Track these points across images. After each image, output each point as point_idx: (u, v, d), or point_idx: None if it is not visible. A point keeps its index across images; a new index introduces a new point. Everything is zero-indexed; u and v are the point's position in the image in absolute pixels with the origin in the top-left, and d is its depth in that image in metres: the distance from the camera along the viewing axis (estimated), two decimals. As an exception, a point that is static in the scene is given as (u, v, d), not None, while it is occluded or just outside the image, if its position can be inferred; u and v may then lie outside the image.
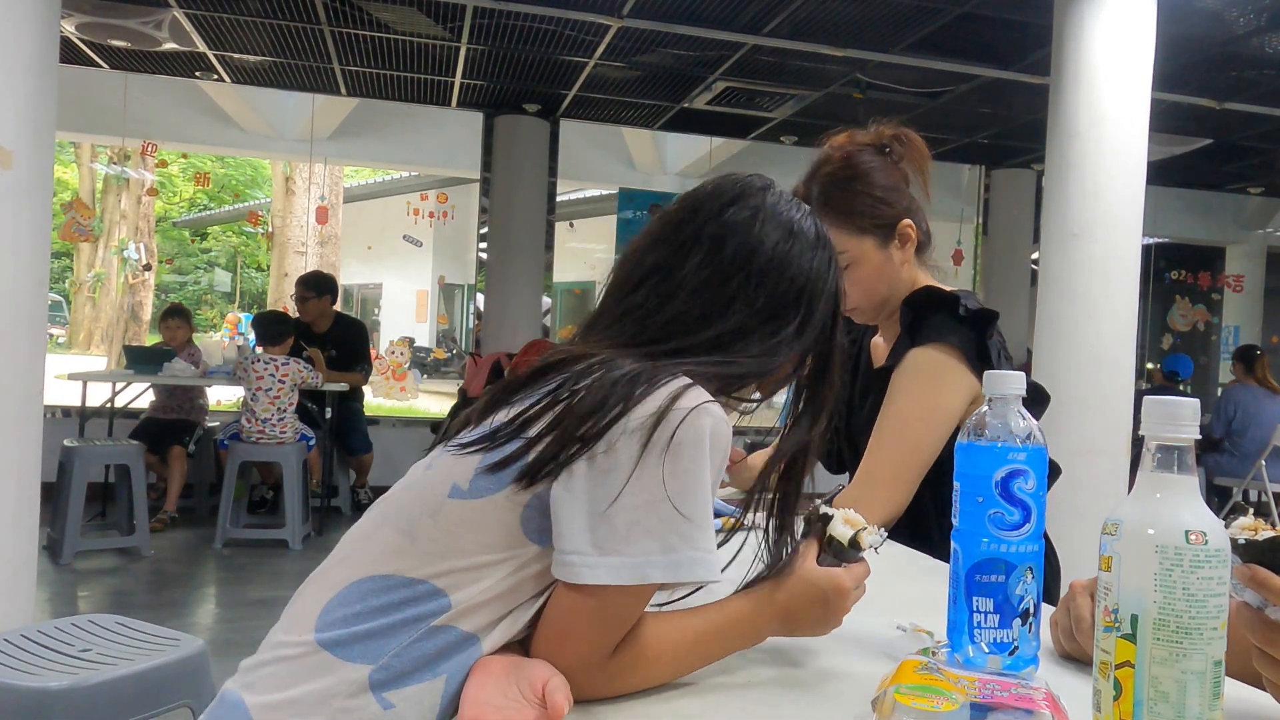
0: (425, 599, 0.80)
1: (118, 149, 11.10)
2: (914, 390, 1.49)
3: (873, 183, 1.54)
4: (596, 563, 0.77)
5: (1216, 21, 4.68)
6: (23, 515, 3.08)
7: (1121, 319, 3.76)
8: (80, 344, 19.15)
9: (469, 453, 0.84)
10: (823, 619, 0.91)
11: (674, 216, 0.96)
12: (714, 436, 0.80)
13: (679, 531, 0.78)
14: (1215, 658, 0.65)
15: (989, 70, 5.52)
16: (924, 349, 1.49)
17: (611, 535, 0.77)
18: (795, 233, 0.94)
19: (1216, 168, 7.87)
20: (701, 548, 0.79)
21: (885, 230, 1.55)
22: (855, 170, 1.55)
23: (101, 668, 1.86)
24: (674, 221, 0.95)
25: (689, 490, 0.78)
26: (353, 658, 0.79)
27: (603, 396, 0.79)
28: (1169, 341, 9.73)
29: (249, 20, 5.28)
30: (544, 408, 0.82)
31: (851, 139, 1.60)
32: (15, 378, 3.00)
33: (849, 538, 0.90)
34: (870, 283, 1.57)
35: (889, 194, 1.55)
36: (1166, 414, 0.67)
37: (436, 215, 10.00)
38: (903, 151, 1.60)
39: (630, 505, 0.77)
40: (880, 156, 1.58)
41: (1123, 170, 3.73)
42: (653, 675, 0.83)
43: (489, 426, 0.85)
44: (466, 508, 0.82)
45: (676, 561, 0.78)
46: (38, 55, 3.05)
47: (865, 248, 1.55)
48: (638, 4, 4.81)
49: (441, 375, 14.50)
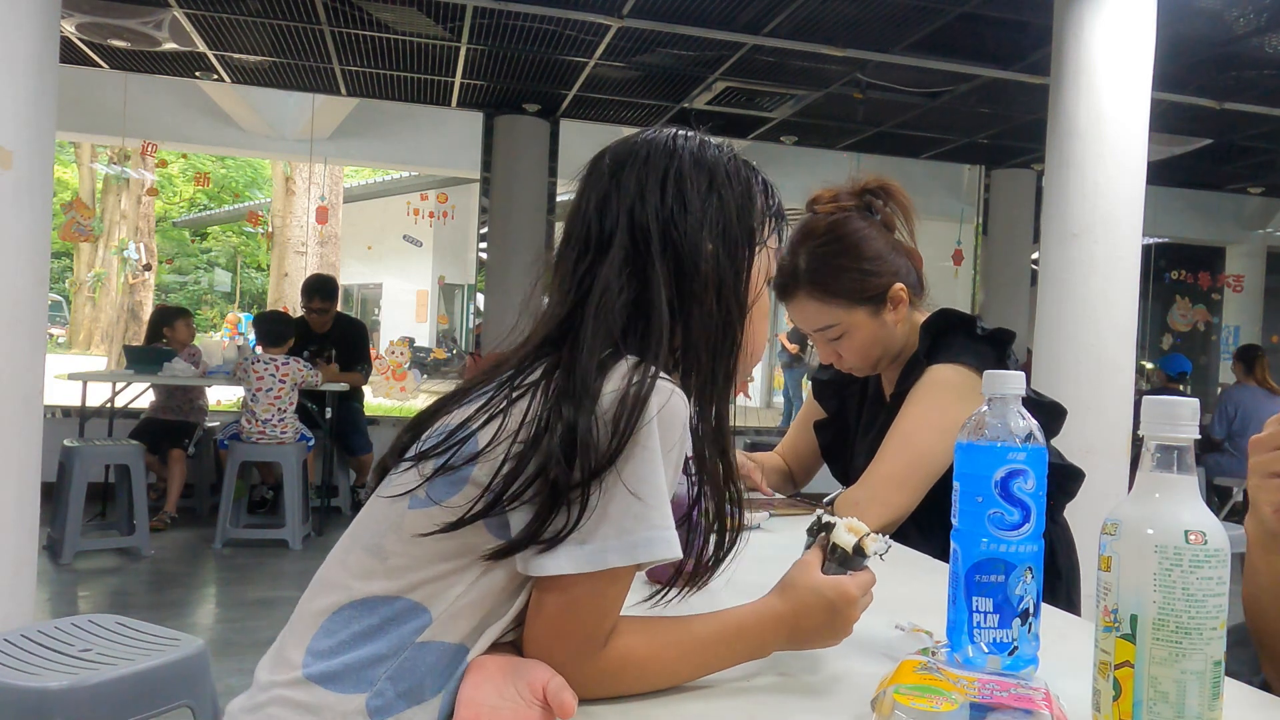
0: (406, 616, 0.79)
1: (118, 149, 11.09)
2: (927, 402, 1.49)
3: (861, 254, 1.54)
4: (556, 553, 0.76)
5: (1216, 21, 4.68)
6: (23, 515, 3.08)
7: (1121, 319, 3.76)
8: (80, 344, 19.15)
9: (427, 460, 0.83)
10: (831, 629, 0.88)
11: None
12: (665, 412, 0.78)
13: (633, 513, 0.77)
14: (1215, 658, 0.65)
15: (989, 70, 5.52)
16: (941, 366, 1.50)
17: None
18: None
19: (1216, 168, 7.87)
20: (657, 525, 0.78)
21: (876, 300, 1.56)
22: (842, 243, 1.55)
23: (101, 668, 1.86)
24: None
25: (640, 470, 0.77)
26: (346, 689, 0.78)
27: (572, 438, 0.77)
28: (1169, 341, 9.73)
29: (249, 20, 5.28)
30: (492, 408, 0.82)
31: (836, 200, 1.60)
32: (15, 378, 3.00)
33: (853, 545, 0.89)
34: (865, 348, 1.59)
35: (877, 263, 1.55)
36: (1166, 414, 0.67)
37: (436, 215, 10.00)
38: (885, 204, 1.61)
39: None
40: (865, 219, 1.58)
41: (1123, 170, 3.73)
42: (648, 677, 0.82)
43: (443, 431, 0.84)
44: (427, 516, 0.80)
45: (633, 543, 0.77)
46: (38, 55, 3.05)
47: (857, 318, 1.56)
48: (638, 4, 4.81)
49: (441, 375, 14.48)
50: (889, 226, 1.61)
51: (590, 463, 0.76)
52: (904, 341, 1.60)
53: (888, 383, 1.67)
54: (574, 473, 0.76)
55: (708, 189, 0.89)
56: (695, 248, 0.87)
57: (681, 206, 0.88)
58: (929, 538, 1.45)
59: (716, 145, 0.93)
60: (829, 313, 1.56)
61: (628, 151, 0.92)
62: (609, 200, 0.89)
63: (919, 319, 1.60)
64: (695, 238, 0.87)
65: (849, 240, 1.55)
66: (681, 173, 0.89)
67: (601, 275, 0.86)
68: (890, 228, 1.61)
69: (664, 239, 0.87)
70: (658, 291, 0.85)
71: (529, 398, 0.81)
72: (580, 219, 0.91)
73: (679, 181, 0.89)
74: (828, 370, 1.79)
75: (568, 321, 0.86)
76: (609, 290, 0.85)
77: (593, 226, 0.89)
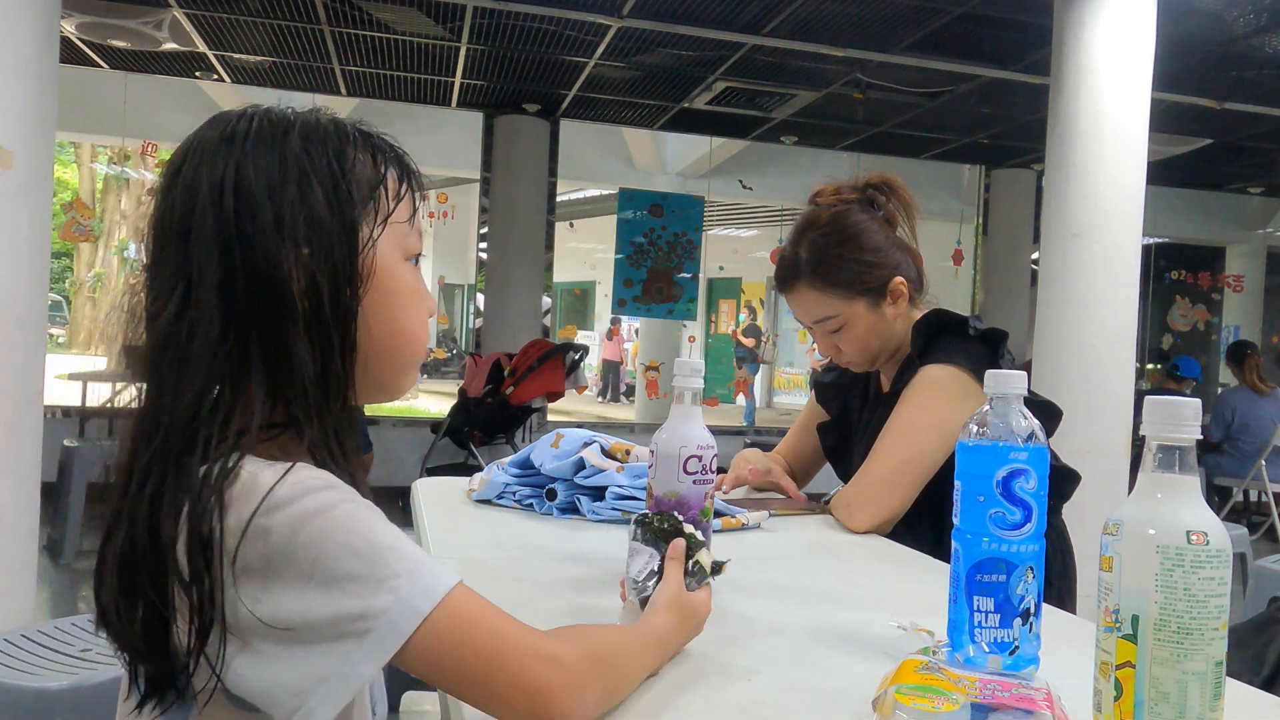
0: None
1: (118, 149, 11.09)
2: (920, 402, 1.49)
3: (862, 246, 1.55)
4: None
5: (1216, 21, 4.68)
6: (23, 515, 3.08)
7: (1121, 319, 3.76)
8: (80, 344, 19.14)
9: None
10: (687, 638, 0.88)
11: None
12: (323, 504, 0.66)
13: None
14: (1216, 658, 0.64)
15: (989, 70, 5.52)
16: (934, 367, 1.50)
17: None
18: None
19: (1216, 168, 7.87)
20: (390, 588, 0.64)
21: (877, 292, 1.56)
22: (844, 234, 1.56)
23: (101, 668, 1.86)
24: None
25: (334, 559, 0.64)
26: None
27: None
28: (1169, 341, 9.73)
29: (249, 20, 5.27)
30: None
31: (838, 193, 1.61)
32: (15, 378, 3.00)
33: (711, 563, 0.93)
34: (864, 341, 1.59)
35: (878, 255, 1.56)
36: (1168, 414, 0.67)
37: (436, 215, 9.98)
38: (888, 200, 1.61)
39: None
40: (867, 213, 1.59)
41: (1123, 170, 3.73)
42: (620, 666, 0.77)
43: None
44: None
45: (380, 639, 0.64)
46: (38, 55, 3.05)
47: (857, 310, 1.57)
48: (638, 4, 4.81)
49: (441, 375, 14.48)
50: (891, 222, 1.61)
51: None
52: (903, 338, 1.60)
53: (886, 381, 1.67)
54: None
55: (280, 179, 0.70)
56: (273, 260, 0.69)
57: (250, 211, 0.69)
58: (920, 537, 1.46)
59: (285, 115, 0.74)
60: (829, 304, 1.56)
61: (177, 161, 0.73)
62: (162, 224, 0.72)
63: (917, 316, 1.60)
64: (272, 248, 0.69)
65: (850, 232, 1.56)
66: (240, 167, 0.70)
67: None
68: (892, 223, 1.61)
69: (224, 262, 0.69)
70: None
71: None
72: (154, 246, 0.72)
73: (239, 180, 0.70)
74: (830, 373, 1.79)
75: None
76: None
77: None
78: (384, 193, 0.76)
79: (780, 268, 1.61)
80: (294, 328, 0.69)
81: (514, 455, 1.62)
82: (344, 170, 0.73)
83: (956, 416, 1.49)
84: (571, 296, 18.98)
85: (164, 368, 0.69)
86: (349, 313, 0.72)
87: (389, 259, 0.76)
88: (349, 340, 0.72)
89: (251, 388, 0.70)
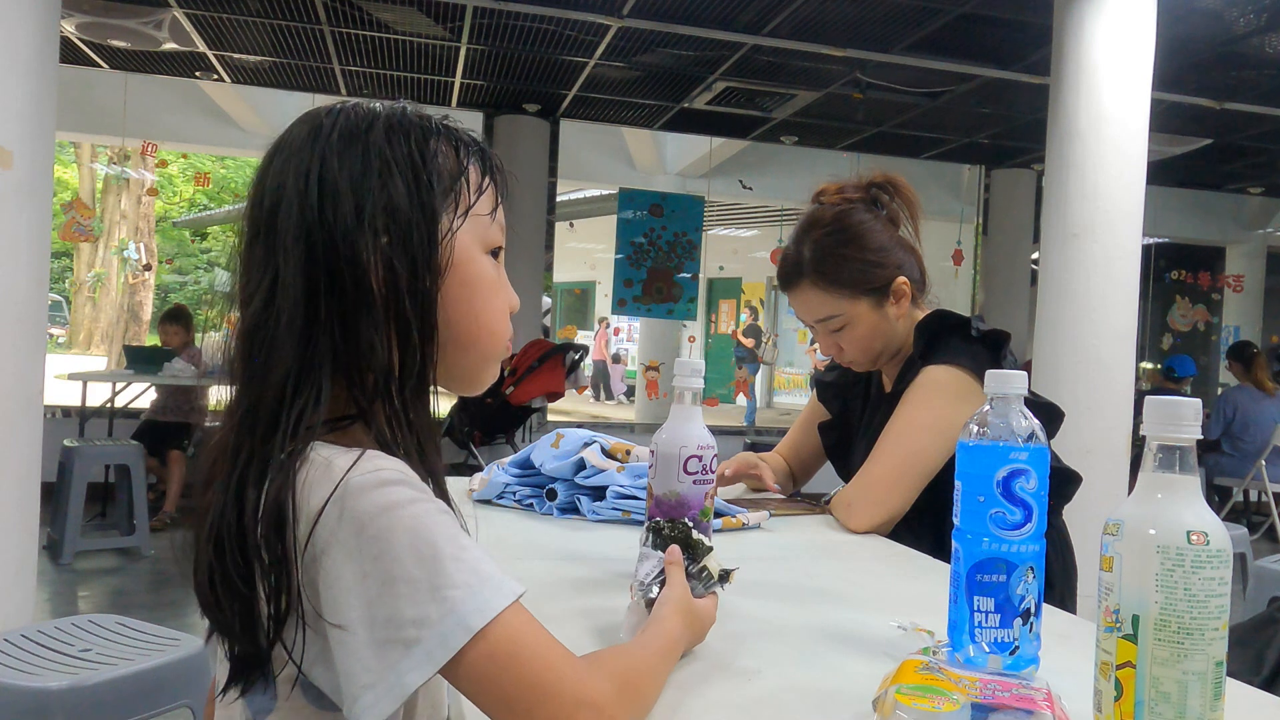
0: None
1: (118, 149, 11.10)
2: (921, 403, 1.49)
3: (865, 245, 1.55)
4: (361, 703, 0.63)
5: (1216, 21, 4.68)
6: (23, 515, 3.08)
7: (1121, 319, 3.76)
8: (80, 344, 19.15)
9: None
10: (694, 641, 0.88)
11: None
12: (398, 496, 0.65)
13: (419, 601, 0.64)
14: (1217, 658, 0.64)
15: (989, 70, 5.52)
16: (936, 368, 1.50)
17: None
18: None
19: (1216, 168, 7.87)
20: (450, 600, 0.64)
21: (879, 291, 1.56)
22: (847, 233, 1.56)
23: (101, 668, 1.86)
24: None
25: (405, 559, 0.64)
26: None
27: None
28: (1169, 341, 9.73)
29: (249, 20, 5.27)
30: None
31: (841, 192, 1.61)
32: (15, 378, 3.00)
33: (720, 571, 0.92)
34: (867, 341, 1.59)
35: (881, 254, 1.56)
36: (1168, 414, 0.67)
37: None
38: (891, 199, 1.61)
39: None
40: (871, 212, 1.59)
41: (1123, 170, 3.73)
42: (645, 679, 0.77)
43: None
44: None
45: (428, 651, 0.63)
46: (37, 55, 3.05)
47: (860, 310, 1.57)
48: (638, 4, 4.81)
49: (441, 375, 14.47)
50: (894, 222, 1.61)
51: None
52: (905, 337, 1.60)
53: (888, 381, 1.67)
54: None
55: (361, 170, 0.72)
56: (352, 248, 0.71)
57: (332, 202, 0.71)
58: (920, 537, 1.46)
59: (370, 109, 0.77)
60: (832, 303, 1.56)
61: (268, 156, 0.76)
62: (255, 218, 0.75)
63: (919, 316, 1.60)
64: (352, 237, 0.71)
65: (854, 231, 1.56)
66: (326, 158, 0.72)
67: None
68: (895, 223, 1.61)
69: (309, 249, 0.71)
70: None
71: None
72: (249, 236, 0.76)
73: (323, 171, 0.72)
74: (832, 372, 1.79)
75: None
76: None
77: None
78: (465, 185, 0.78)
79: (783, 266, 1.61)
80: (370, 315, 0.71)
81: (514, 455, 1.63)
82: (425, 160, 0.75)
83: (957, 418, 1.49)
84: (571, 296, 18.98)
85: (255, 354, 0.71)
86: (427, 301, 0.73)
87: (469, 250, 0.77)
88: (427, 330, 0.73)
89: (331, 375, 0.71)
